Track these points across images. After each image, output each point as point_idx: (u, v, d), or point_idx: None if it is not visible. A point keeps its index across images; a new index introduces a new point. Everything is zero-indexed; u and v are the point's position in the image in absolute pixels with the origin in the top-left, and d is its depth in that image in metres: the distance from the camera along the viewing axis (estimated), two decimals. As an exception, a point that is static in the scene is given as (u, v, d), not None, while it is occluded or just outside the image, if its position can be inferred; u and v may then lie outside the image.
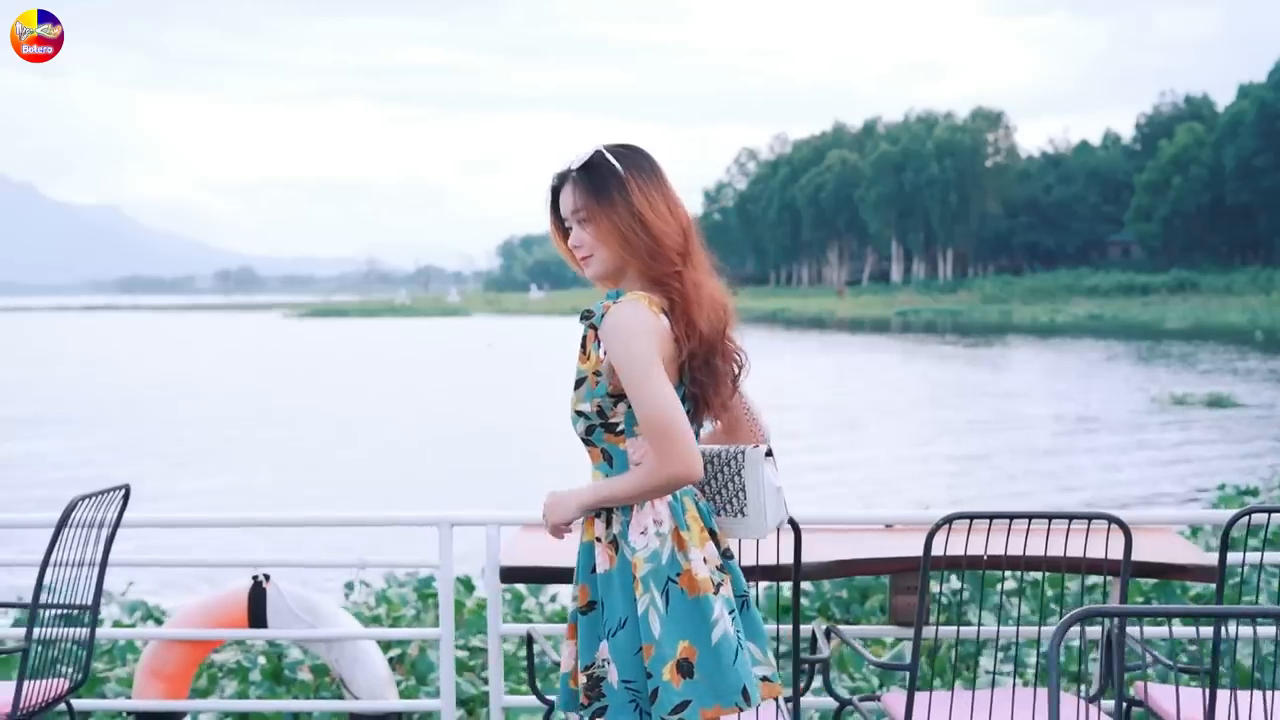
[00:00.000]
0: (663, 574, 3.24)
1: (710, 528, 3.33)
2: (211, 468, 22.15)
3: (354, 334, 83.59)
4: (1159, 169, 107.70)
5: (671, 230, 3.30)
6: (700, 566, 3.24)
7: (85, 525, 4.20)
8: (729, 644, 3.22)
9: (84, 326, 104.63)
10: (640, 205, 3.28)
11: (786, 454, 17.07)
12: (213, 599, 5.37)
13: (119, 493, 4.34)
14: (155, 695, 5.27)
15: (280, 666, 7.49)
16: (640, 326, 3.22)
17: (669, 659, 3.20)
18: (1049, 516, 3.72)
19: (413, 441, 25.13)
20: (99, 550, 4.30)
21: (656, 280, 3.30)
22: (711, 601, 3.22)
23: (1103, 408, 29.25)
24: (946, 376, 39.18)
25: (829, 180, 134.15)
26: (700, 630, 3.21)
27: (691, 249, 3.34)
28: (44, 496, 18.77)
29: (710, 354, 3.32)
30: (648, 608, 3.23)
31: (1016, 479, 19.75)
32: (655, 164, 3.37)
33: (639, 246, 3.28)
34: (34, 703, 4.12)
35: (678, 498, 3.30)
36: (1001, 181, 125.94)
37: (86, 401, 34.38)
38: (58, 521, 4.07)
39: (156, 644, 5.36)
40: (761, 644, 3.34)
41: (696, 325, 3.27)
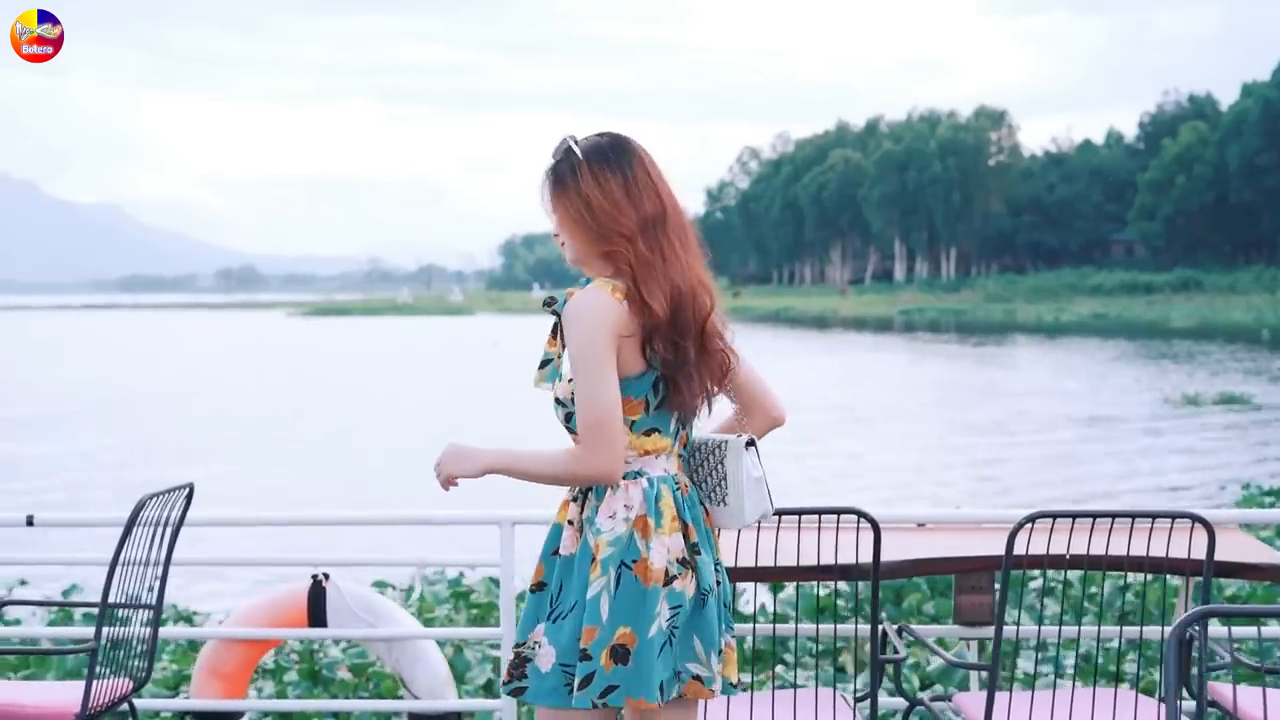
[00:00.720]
0: (618, 558, 3.28)
1: (685, 519, 3.34)
2: (234, 469, 22.02)
3: (358, 333, 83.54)
4: (1163, 168, 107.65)
5: (622, 213, 3.33)
6: (658, 557, 3.27)
7: (150, 524, 4.18)
8: (660, 639, 3.26)
9: (87, 326, 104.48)
10: (588, 189, 3.34)
11: (805, 455, 17.07)
12: (272, 598, 5.33)
13: (182, 492, 4.32)
14: (213, 695, 5.24)
15: (316, 666, 7.49)
16: (598, 317, 3.27)
17: (608, 643, 3.25)
18: (1132, 515, 3.69)
19: (425, 440, 25.06)
20: (162, 549, 4.28)
21: (609, 261, 3.34)
22: (658, 594, 3.26)
23: (1116, 407, 29.20)
24: (957, 376, 39.13)
25: (832, 179, 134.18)
26: (642, 620, 3.25)
27: (661, 236, 3.35)
28: (60, 500, 18.72)
29: (676, 335, 3.32)
30: (600, 590, 3.27)
31: (1041, 481, 19.63)
32: (626, 151, 3.40)
33: (588, 229, 3.34)
34: (101, 702, 4.11)
35: (654, 484, 3.33)
36: (1004, 180, 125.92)
37: (97, 402, 34.26)
38: (127, 520, 4.05)
39: (214, 643, 5.34)
40: (709, 643, 3.34)
41: (648, 304, 3.28)
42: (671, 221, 3.39)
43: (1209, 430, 24.94)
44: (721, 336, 3.43)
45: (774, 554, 3.62)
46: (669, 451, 3.41)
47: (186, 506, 4.34)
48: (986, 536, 4.61)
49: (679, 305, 3.32)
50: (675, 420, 3.42)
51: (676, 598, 3.29)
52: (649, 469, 3.37)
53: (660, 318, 3.29)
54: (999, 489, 18.88)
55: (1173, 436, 24.34)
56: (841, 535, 3.75)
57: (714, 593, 3.34)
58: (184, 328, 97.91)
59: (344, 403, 33.67)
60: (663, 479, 3.36)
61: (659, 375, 3.35)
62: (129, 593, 4.17)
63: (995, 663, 3.56)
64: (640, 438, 3.37)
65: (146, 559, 4.21)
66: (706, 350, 3.38)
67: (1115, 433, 24.82)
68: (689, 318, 3.33)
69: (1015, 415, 28.12)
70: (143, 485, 19.99)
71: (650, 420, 3.38)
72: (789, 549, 3.83)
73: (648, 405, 3.37)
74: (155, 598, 4.31)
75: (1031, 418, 27.61)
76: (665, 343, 3.32)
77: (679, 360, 3.33)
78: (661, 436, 3.39)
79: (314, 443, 25.43)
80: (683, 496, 3.37)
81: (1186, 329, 64.76)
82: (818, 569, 3.70)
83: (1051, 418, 27.46)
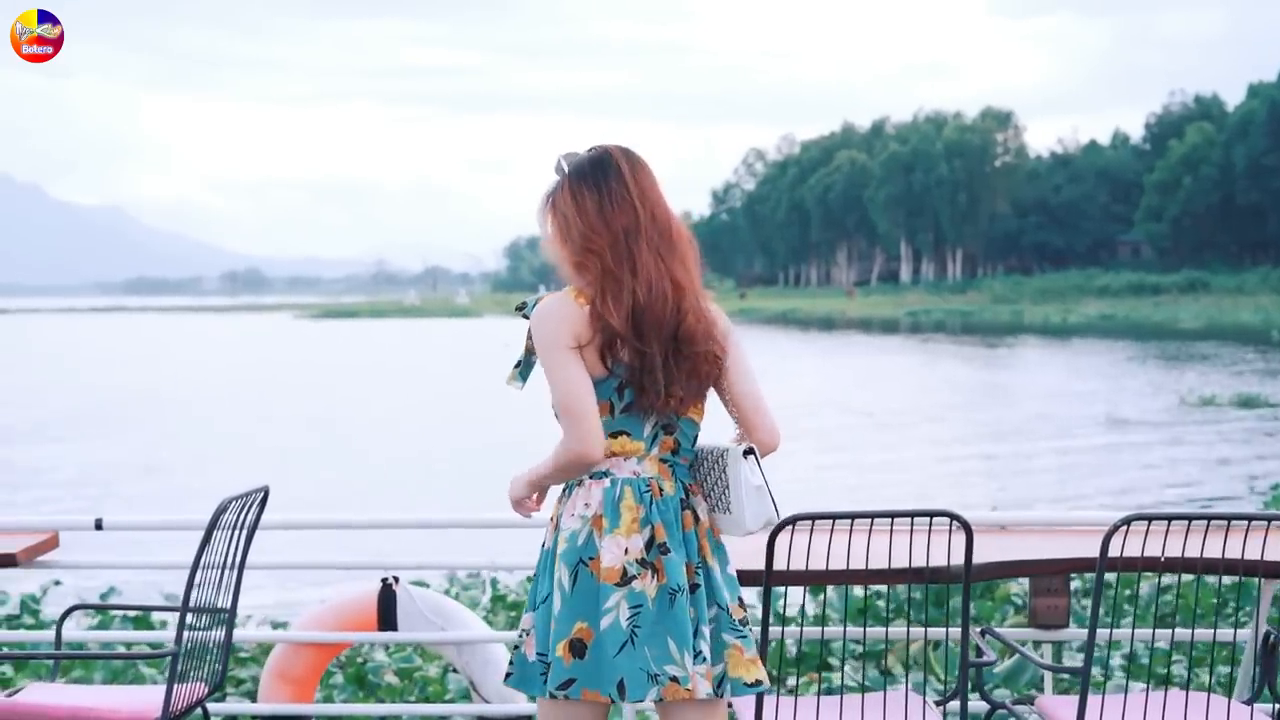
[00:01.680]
0: (576, 555, 3.42)
1: (653, 521, 3.43)
2: (273, 474, 21.93)
3: (366, 335, 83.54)
4: (1169, 169, 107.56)
5: (594, 229, 3.46)
6: (610, 557, 3.39)
7: (226, 528, 4.17)
8: (615, 636, 3.35)
9: (94, 329, 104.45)
10: (565, 207, 3.50)
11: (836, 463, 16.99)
12: (341, 602, 5.31)
13: (258, 495, 4.31)
14: (282, 698, 5.22)
15: (363, 670, 7.48)
16: (555, 316, 3.43)
17: (564, 637, 3.38)
18: (1228, 518, 3.67)
19: (453, 443, 24.94)
20: (237, 552, 4.28)
21: (580, 272, 3.48)
22: (610, 592, 3.37)
23: (1134, 409, 29.14)
24: (973, 378, 39.07)
25: (838, 180, 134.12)
26: (595, 616, 3.37)
27: (633, 244, 3.46)
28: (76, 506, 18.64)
29: (639, 342, 3.42)
30: (558, 585, 3.42)
31: (1071, 481, 19.53)
32: (605, 166, 3.51)
33: (565, 244, 3.51)
34: (179, 707, 4.10)
35: (617, 485, 3.45)
36: (1010, 181, 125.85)
37: (116, 406, 34.12)
38: (208, 523, 4.05)
39: (283, 647, 5.32)
40: (682, 644, 3.38)
41: (606, 313, 3.39)
42: (647, 231, 3.48)
43: (1229, 431, 24.88)
44: (709, 339, 3.50)
45: (865, 558, 3.61)
46: (641, 455, 3.49)
47: (261, 509, 4.34)
48: (1060, 539, 4.60)
49: (644, 311, 3.42)
50: (652, 424, 3.50)
51: (636, 598, 3.38)
52: (616, 470, 3.48)
53: (616, 327, 3.40)
54: (1031, 495, 18.75)
55: (1195, 436, 24.28)
56: (918, 537, 3.74)
57: (684, 592, 3.39)
58: (192, 331, 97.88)
59: (369, 405, 33.54)
60: (629, 481, 3.46)
61: (623, 380, 3.46)
62: (205, 597, 4.16)
63: (1088, 666, 3.54)
64: (608, 439, 3.47)
65: (223, 563, 4.20)
66: (682, 353, 3.47)
67: (1137, 435, 24.73)
68: (657, 321, 3.43)
69: (1035, 418, 28.00)
70: (179, 491, 19.92)
71: (617, 423, 3.48)
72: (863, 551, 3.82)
73: (613, 408, 3.47)
74: (230, 601, 4.31)
75: (1052, 421, 27.52)
76: (628, 350, 3.43)
77: (644, 366, 3.43)
78: (631, 440, 3.49)
79: (352, 445, 25.29)
80: (654, 499, 3.46)
81: (1195, 330, 64.67)
82: (909, 572, 3.67)
83: (1072, 420, 27.39)
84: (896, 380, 38.46)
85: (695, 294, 3.52)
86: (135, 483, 21.25)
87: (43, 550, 4.92)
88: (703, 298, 3.55)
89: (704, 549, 3.50)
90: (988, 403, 31.68)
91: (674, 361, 3.45)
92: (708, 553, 3.50)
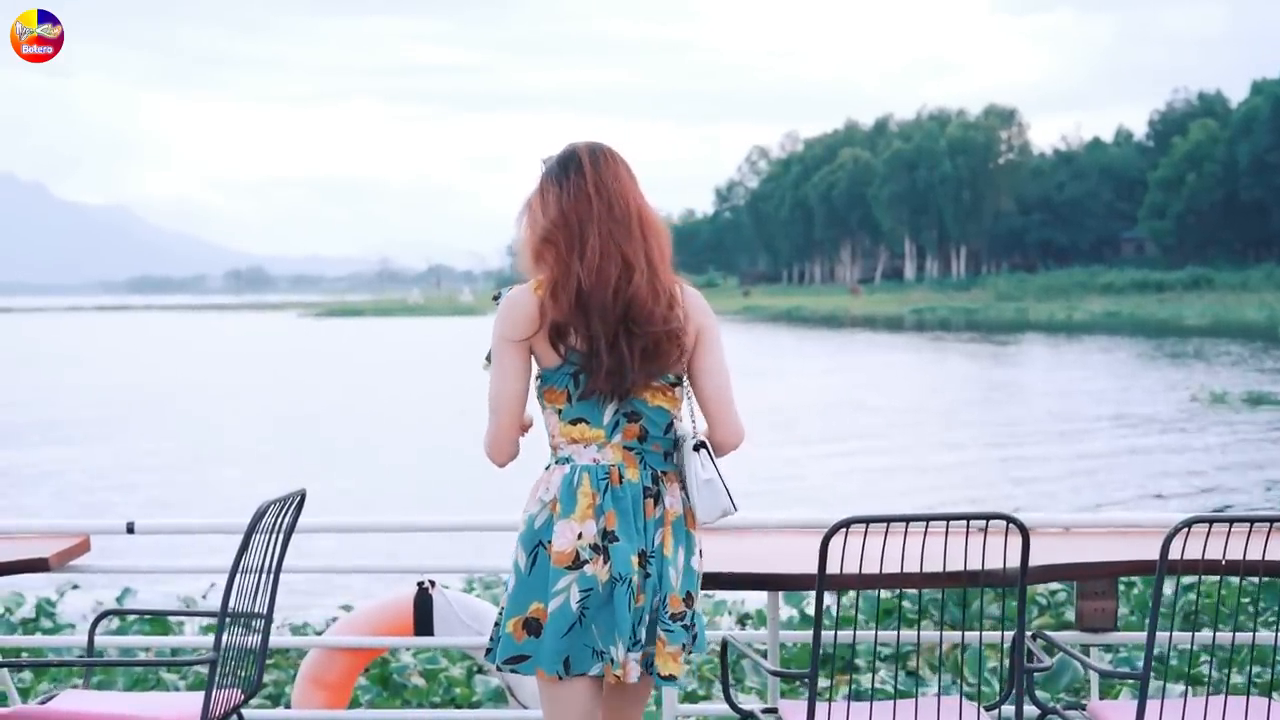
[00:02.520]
0: (535, 537, 3.57)
1: (606, 508, 3.54)
2: (285, 474, 21.66)
3: (372, 334, 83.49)
4: (1173, 165, 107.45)
5: (553, 220, 3.61)
6: (562, 540, 3.53)
7: (264, 530, 4.11)
8: (565, 617, 3.51)
9: (100, 328, 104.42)
10: (535, 203, 3.68)
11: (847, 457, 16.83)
12: (377, 606, 5.24)
13: (295, 498, 4.25)
14: (316, 704, 5.16)
15: (388, 671, 7.41)
16: (505, 310, 3.62)
17: (518, 615, 3.55)
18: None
19: (463, 441, 24.72)
20: (273, 556, 4.21)
21: (537, 263, 3.64)
22: (562, 574, 3.51)
23: (1146, 407, 29.00)
24: (986, 376, 38.89)
25: (841, 178, 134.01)
26: (548, 597, 3.52)
27: (589, 231, 3.57)
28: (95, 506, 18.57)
29: (586, 326, 3.53)
30: (518, 564, 3.58)
31: (1092, 484, 19.29)
32: (569, 161, 3.66)
33: (528, 237, 3.67)
34: (217, 713, 4.04)
35: (575, 471, 3.58)
36: (1014, 179, 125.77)
37: (129, 406, 33.94)
38: (247, 527, 3.98)
39: (317, 651, 5.25)
40: (621, 631, 3.52)
41: (554, 301, 3.53)
42: (601, 219, 3.58)
43: (1242, 429, 24.76)
44: (667, 319, 3.57)
45: (920, 560, 3.55)
46: (602, 442, 3.60)
47: (298, 513, 4.28)
48: (1102, 541, 4.54)
49: (589, 295, 3.53)
50: (613, 411, 3.60)
51: (588, 581, 3.52)
52: (576, 457, 3.60)
53: (563, 312, 3.53)
54: (1055, 489, 18.59)
55: (1210, 435, 24.15)
56: (961, 539, 3.68)
57: (624, 582, 3.51)
58: (199, 330, 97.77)
59: (383, 404, 33.43)
60: (588, 467, 3.58)
61: (578, 367, 3.57)
62: (243, 601, 4.10)
63: (1147, 671, 3.48)
64: (568, 426, 3.62)
65: (260, 566, 4.14)
66: (634, 333, 3.55)
67: (1152, 435, 24.55)
68: (602, 303, 3.53)
69: (1049, 417, 27.79)
70: (200, 493, 19.78)
71: (575, 410, 3.61)
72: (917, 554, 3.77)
73: (570, 395, 3.60)
74: (267, 606, 4.24)
75: (1065, 420, 27.35)
76: (579, 336, 3.55)
77: (591, 350, 3.54)
78: (590, 427, 3.60)
79: (361, 446, 25.09)
80: (611, 486, 3.56)
81: (1200, 327, 64.55)
82: (964, 575, 3.61)
83: (1086, 419, 27.22)
84: (911, 379, 38.13)
85: (651, 274, 3.58)
86: (156, 484, 21.10)
87: (74, 555, 4.86)
88: (668, 280, 3.62)
89: (665, 538, 3.59)
90: (1003, 402, 31.46)
91: (625, 341, 3.54)
92: (668, 542, 3.60)
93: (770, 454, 22.09)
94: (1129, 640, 4.84)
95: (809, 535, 4.53)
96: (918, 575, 3.57)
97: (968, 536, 3.56)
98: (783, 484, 19.51)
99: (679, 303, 3.61)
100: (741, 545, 4.56)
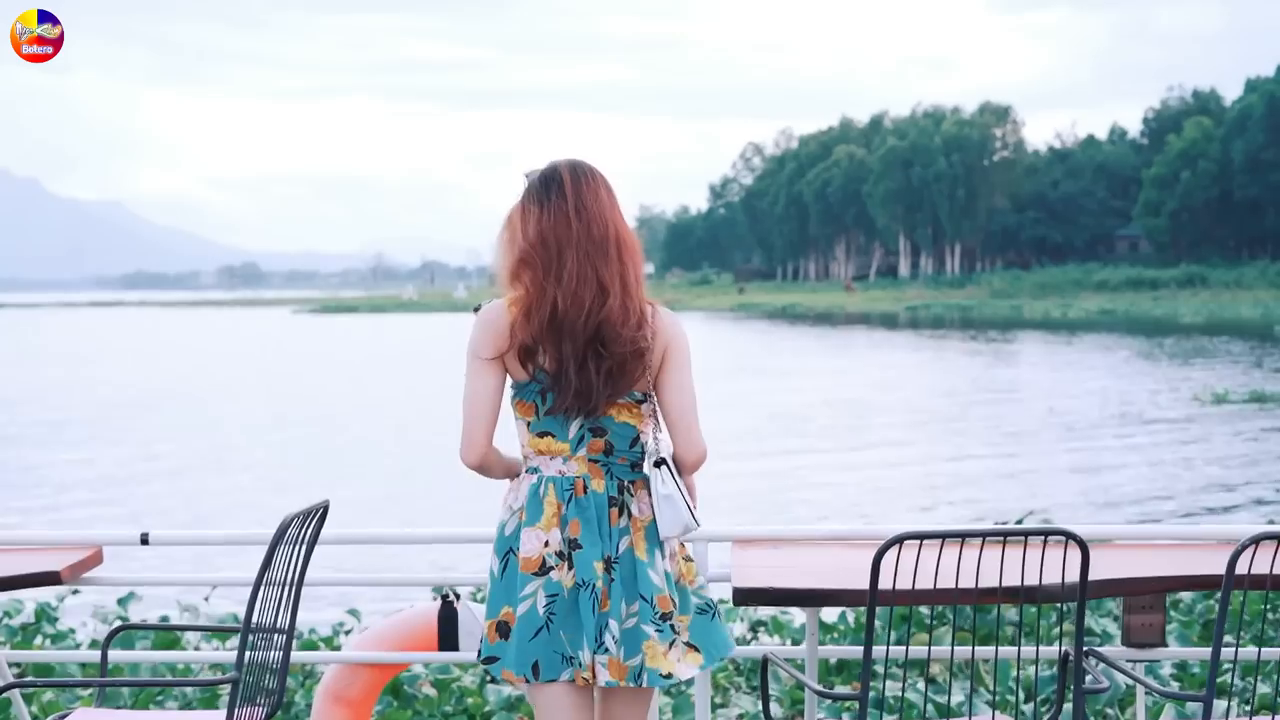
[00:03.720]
0: (505, 544, 3.70)
1: (569, 517, 3.64)
2: (293, 478, 21.26)
3: (367, 330, 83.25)
4: (1167, 163, 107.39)
5: (530, 241, 3.67)
6: (529, 546, 3.65)
7: (288, 541, 3.97)
8: (531, 621, 3.62)
9: (95, 324, 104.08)
10: (515, 221, 3.74)
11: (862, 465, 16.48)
12: (401, 620, 5.07)
13: (318, 510, 4.11)
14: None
15: (398, 680, 7.27)
16: (480, 324, 3.69)
17: (492, 617, 3.69)
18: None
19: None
20: (294, 569, 4.07)
21: (514, 283, 3.70)
22: (529, 580, 3.63)
23: (1151, 407, 28.78)
24: (988, 376, 38.50)
25: (836, 175, 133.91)
26: (516, 602, 3.64)
27: (566, 252, 3.63)
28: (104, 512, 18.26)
29: (556, 347, 3.61)
30: (491, 570, 3.72)
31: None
32: (550, 182, 3.70)
33: (506, 255, 3.75)
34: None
35: (542, 482, 3.68)
36: (1009, 176, 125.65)
37: (127, 405, 33.46)
38: (271, 540, 3.84)
39: (338, 667, 5.10)
40: (578, 633, 3.61)
41: (527, 322, 3.61)
42: (580, 241, 3.64)
43: (1248, 429, 24.62)
44: (634, 340, 3.63)
45: (975, 576, 3.42)
46: (567, 455, 3.69)
47: (320, 525, 4.14)
48: (1147, 555, 4.42)
49: (562, 318, 3.60)
50: (578, 425, 3.69)
51: (553, 586, 3.63)
52: (543, 468, 3.71)
53: (535, 334, 3.61)
54: (1078, 499, 18.24)
55: (1218, 435, 23.97)
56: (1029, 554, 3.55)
57: (588, 588, 3.60)
58: (193, 326, 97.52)
59: (395, 404, 33.14)
60: (553, 479, 3.68)
61: (545, 384, 3.66)
62: (265, 615, 3.96)
63: (1211, 693, 3.36)
64: (536, 438, 3.72)
65: (282, 579, 4.01)
66: (602, 354, 3.62)
67: (1160, 436, 24.29)
68: (573, 327, 3.60)
69: (1057, 420, 27.42)
70: (206, 497, 19.41)
71: (542, 424, 3.70)
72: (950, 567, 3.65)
73: (537, 409, 3.70)
74: (288, 621, 4.11)
75: (1069, 418, 27.13)
76: (547, 356, 3.63)
77: (560, 371, 3.63)
78: (556, 440, 3.70)
79: (371, 449, 24.73)
80: (575, 496, 3.66)
81: (1195, 325, 64.47)
82: (1021, 590, 3.48)
83: (1090, 419, 26.98)
84: (917, 380, 37.53)
85: (625, 297, 3.65)
86: (161, 490, 20.68)
87: (86, 567, 4.71)
88: (639, 300, 3.69)
89: (635, 543, 3.67)
90: (1011, 404, 30.90)
91: (593, 363, 3.62)
92: (639, 547, 3.67)
93: (787, 461, 21.81)
94: (1177, 656, 4.72)
95: (846, 547, 4.42)
96: (974, 591, 3.44)
97: (1025, 550, 3.42)
98: (803, 491, 19.13)
99: (648, 322, 3.68)
100: (779, 558, 4.42)
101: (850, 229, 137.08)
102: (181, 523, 16.94)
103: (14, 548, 4.87)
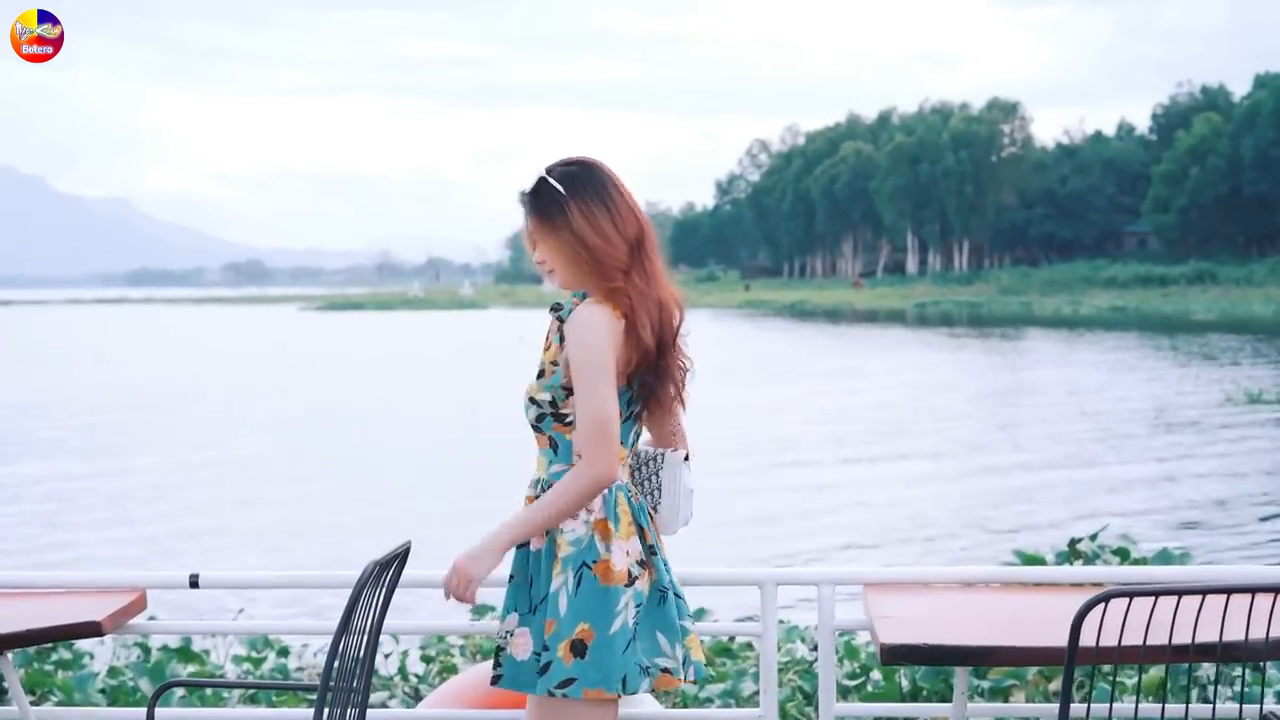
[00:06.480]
0: (579, 558, 3.51)
1: (640, 524, 3.58)
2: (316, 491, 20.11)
3: (373, 327, 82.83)
4: (1176, 159, 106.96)
5: (615, 247, 3.54)
6: (620, 559, 3.51)
7: (370, 586, 3.50)
8: (624, 635, 3.48)
9: (101, 321, 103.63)
10: (581, 228, 3.53)
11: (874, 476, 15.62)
12: (480, 670, 4.55)
13: (400, 552, 3.64)
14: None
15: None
16: (600, 327, 3.49)
17: (565, 637, 3.47)
18: None
19: (495, 436, 23.39)
20: (374, 618, 3.61)
21: (607, 292, 3.54)
22: (620, 593, 3.49)
23: (1186, 408, 28.14)
24: (1013, 378, 37.68)
25: (843, 171, 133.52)
26: (602, 617, 3.47)
27: (644, 258, 3.58)
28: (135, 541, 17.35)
29: (659, 357, 3.58)
30: (560, 587, 3.51)
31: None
32: (602, 179, 3.58)
33: (584, 264, 3.55)
34: (314, 803, 3.44)
35: (613, 491, 3.54)
36: (1017, 172, 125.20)
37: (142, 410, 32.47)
38: (354, 587, 3.38)
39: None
40: (671, 637, 3.56)
41: (640, 336, 3.51)
42: (648, 240, 3.61)
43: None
44: (681, 347, 3.65)
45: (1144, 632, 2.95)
46: (624, 462, 3.64)
47: (401, 569, 3.68)
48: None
49: (661, 326, 3.57)
50: (634, 433, 3.67)
51: (638, 596, 3.53)
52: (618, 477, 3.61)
53: (648, 346, 3.52)
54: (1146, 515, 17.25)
55: (1263, 438, 23.36)
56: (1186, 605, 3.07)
57: (672, 589, 3.60)
58: (200, 323, 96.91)
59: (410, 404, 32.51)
60: (620, 487, 3.59)
61: (635, 391, 3.59)
62: (345, 667, 3.49)
63: None
64: None
65: (363, 628, 3.54)
66: (670, 363, 3.62)
67: (1203, 438, 23.59)
68: (667, 336, 3.59)
69: (1087, 417, 26.91)
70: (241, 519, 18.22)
71: (621, 432, 3.60)
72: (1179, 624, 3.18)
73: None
74: (364, 673, 3.64)
75: (1104, 421, 26.44)
76: (649, 365, 3.56)
77: (657, 377, 3.59)
78: (624, 448, 3.64)
79: (404, 460, 23.49)
80: (635, 503, 3.60)
81: (1208, 322, 63.96)
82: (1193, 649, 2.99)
83: (1127, 421, 26.22)
84: (943, 380, 36.63)
85: (680, 301, 3.67)
86: (207, 532, 18.22)
87: (130, 614, 4.24)
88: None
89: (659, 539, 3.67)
90: (1044, 407, 29.80)
91: (672, 369, 3.62)
92: (661, 545, 3.67)
93: (839, 473, 20.64)
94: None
95: (991, 591, 3.95)
96: (1189, 648, 2.96)
97: (1228, 604, 2.94)
98: (865, 511, 17.61)
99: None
100: (919, 606, 3.92)
101: (857, 226, 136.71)
102: (224, 548, 15.62)
103: (48, 591, 4.39)
